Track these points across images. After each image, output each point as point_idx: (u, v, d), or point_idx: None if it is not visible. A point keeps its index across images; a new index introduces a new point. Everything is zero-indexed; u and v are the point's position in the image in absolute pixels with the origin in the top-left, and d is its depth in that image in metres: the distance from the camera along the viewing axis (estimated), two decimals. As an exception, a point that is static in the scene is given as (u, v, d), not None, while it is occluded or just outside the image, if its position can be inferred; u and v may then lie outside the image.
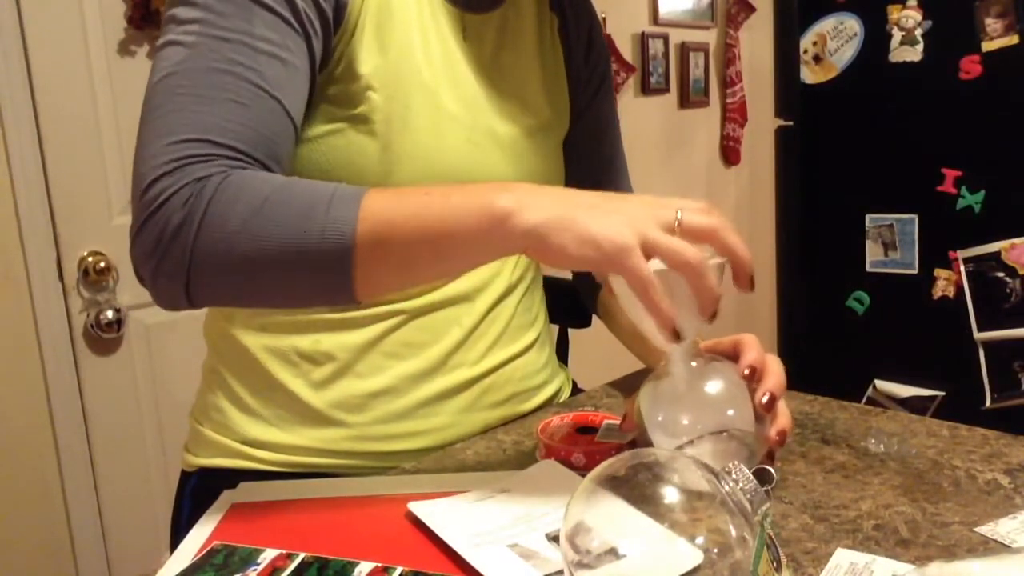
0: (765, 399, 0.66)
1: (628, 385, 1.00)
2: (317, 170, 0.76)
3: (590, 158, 1.00)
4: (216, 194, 0.61)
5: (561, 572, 0.55)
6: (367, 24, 0.76)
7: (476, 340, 0.86)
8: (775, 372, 0.69)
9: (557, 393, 0.98)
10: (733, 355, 0.72)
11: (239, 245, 0.61)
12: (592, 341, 1.58)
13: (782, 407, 0.68)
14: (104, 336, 1.63)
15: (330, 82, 0.76)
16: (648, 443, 0.67)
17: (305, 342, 0.82)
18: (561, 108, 0.95)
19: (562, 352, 1.30)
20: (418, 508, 0.67)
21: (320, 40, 0.73)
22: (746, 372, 0.67)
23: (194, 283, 0.63)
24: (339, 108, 0.76)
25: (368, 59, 0.76)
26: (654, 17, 2.91)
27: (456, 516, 0.66)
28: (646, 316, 0.60)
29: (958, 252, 1.93)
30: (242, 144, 0.64)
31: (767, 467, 0.59)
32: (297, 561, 0.61)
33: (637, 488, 0.51)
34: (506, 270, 0.89)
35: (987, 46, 1.84)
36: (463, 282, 0.85)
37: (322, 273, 0.61)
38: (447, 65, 0.82)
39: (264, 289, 0.64)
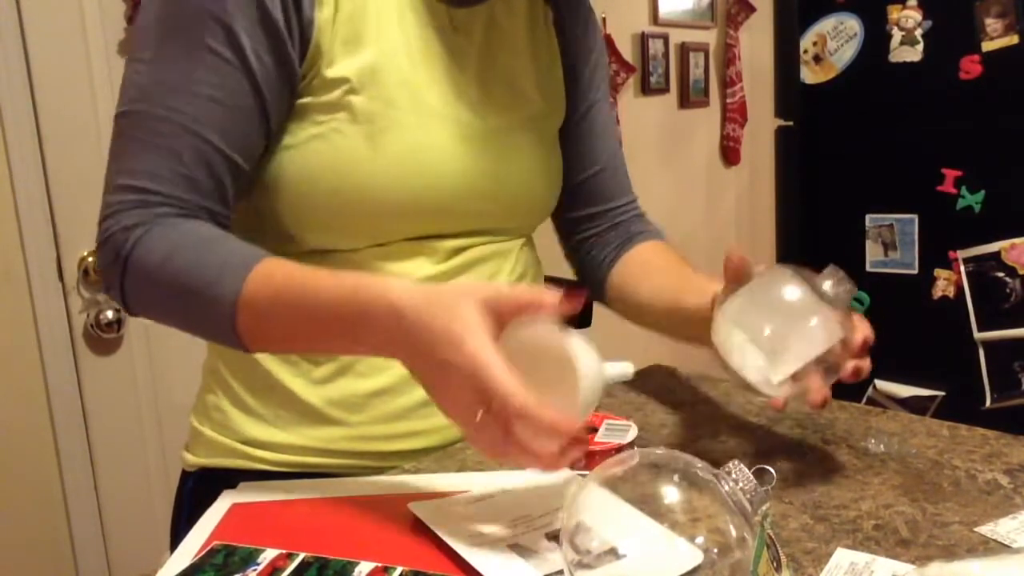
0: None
1: (628, 385, 1.00)
2: (302, 176, 0.76)
3: (590, 152, 0.99)
4: (134, 249, 0.71)
5: (561, 572, 0.55)
6: (339, 31, 0.76)
7: None
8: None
9: (558, 393, 0.98)
10: None
11: (152, 295, 0.74)
12: (592, 341, 1.57)
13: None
14: (104, 336, 1.63)
15: (307, 92, 0.76)
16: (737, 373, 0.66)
17: None
18: (556, 101, 0.94)
19: (562, 352, 1.30)
20: (418, 508, 0.67)
21: (274, 68, 0.74)
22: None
23: (131, 307, 0.76)
24: (320, 114, 0.76)
25: (345, 64, 0.76)
26: (654, 17, 2.91)
27: (456, 516, 0.66)
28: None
29: (958, 252, 1.93)
30: (174, 190, 0.72)
31: (767, 467, 0.59)
32: (297, 561, 0.61)
33: (637, 488, 0.51)
34: (506, 269, 0.88)
35: (987, 46, 1.84)
36: (464, 280, 0.85)
37: (216, 332, 0.72)
38: (432, 61, 0.81)
39: (176, 324, 0.76)
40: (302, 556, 0.61)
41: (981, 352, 1.93)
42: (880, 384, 2.07)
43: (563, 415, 0.55)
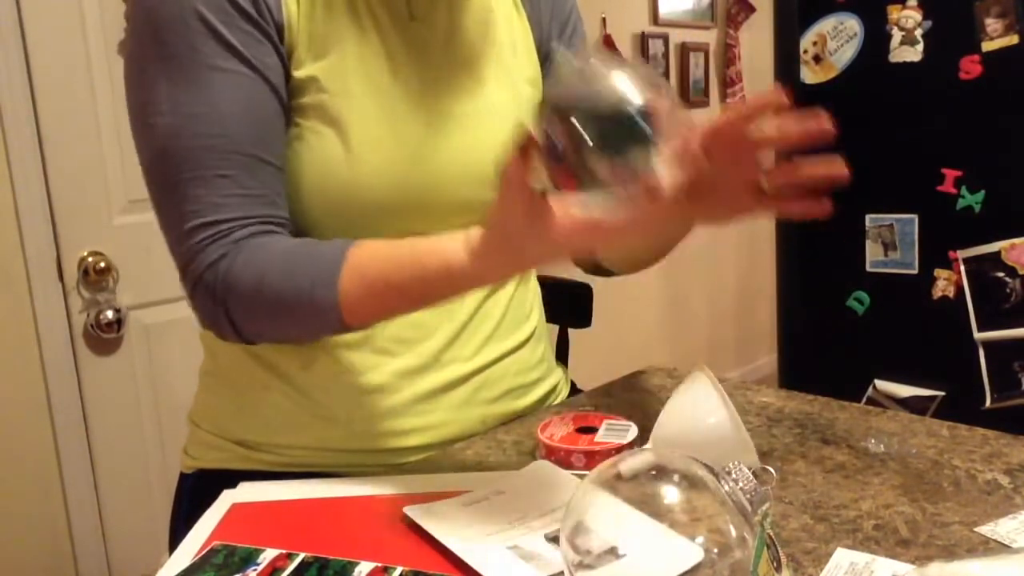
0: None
1: (628, 385, 1.00)
2: (289, 177, 0.77)
3: None
4: (228, 284, 0.72)
5: (561, 573, 0.55)
6: (301, 33, 0.76)
7: (469, 336, 0.86)
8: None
9: (554, 390, 0.98)
10: None
11: (260, 322, 0.74)
12: (592, 341, 1.58)
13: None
14: (104, 336, 1.63)
15: (285, 94, 0.77)
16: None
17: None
18: (531, 77, 0.92)
19: (562, 352, 1.30)
20: (414, 511, 0.67)
21: (277, 68, 0.75)
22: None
23: (247, 337, 0.76)
24: (297, 116, 0.77)
25: (311, 65, 0.77)
26: (654, 17, 2.91)
27: (454, 519, 0.66)
28: None
29: (958, 252, 1.93)
30: (239, 212, 0.73)
31: (767, 467, 0.59)
32: (297, 561, 0.61)
33: (637, 488, 0.51)
34: None
35: (987, 46, 1.84)
36: None
37: (318, 322, 0.73)
38: (392, 53, 0.81)
39: (282, 333, 0.78)
40: (302, 556, 0.61)
41: (981, 352, 1.93)
42: (880, 384, 2.07)
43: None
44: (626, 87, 0.58)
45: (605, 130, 0.57)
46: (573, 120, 0.57)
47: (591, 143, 0.57)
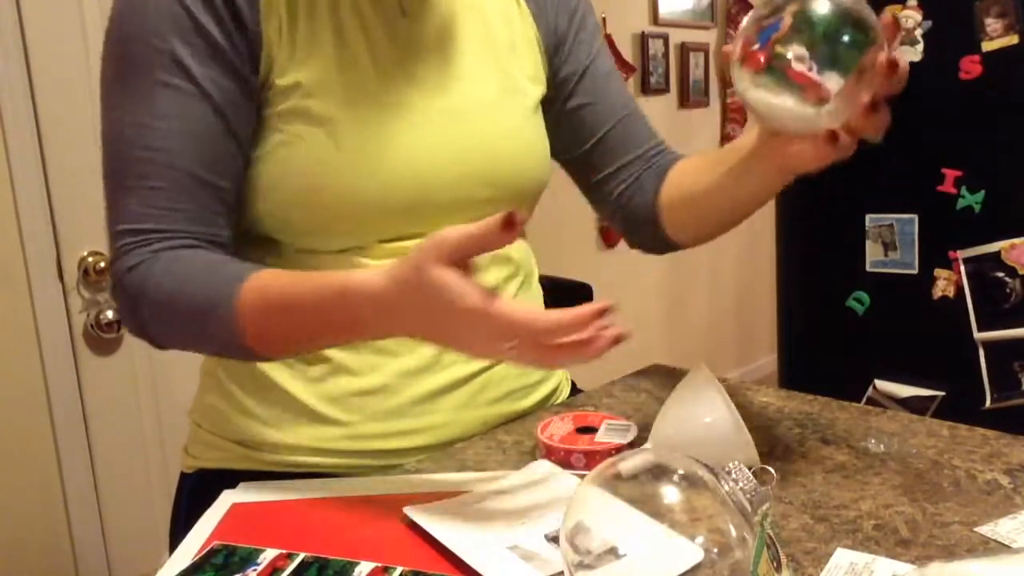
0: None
1: (628, 385, 1.00)
2: (275, 183, 0.77)
3: (602, 108, 0.96)
4: (144, 288, 0.74)
5: (561, 573, 0.55)
6: (284, 41, 0.76)
7: None
8: None
9: (555, 391, 0.98)
10: None
11: (172, 331, 0.76)
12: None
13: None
14: (104, 336, 1.63)
15: (266, 103, 0.77)
16: None
17: None
18: (532, 73, 0.92)
19: (562, 352, 1.30)
20: (414, 512, 0.67)
21: (232, 90, 0.76)
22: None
23: (160, 344, 0.78)
24: (282, 122, 0.77)
25: (296, 71, 0.76)
26: (654, 17, 2.91)
27: (454, 519, 0.66)
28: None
29: (958, 252, 1.93)
30: (165, 224, 0.75)
31: (767, 467, 0.59)
32: (297, 561, 0.61)
33: (637, 488, 0.51)
34: (496, 265, 0.88)
35: (987, 46, 1.84)
36: None
37: (228, 350, 0.75)
38: (384, 51, 0.80)
39: (197, 348, 0.78)
40: (302, 556, 0.61)
41: (981, 352, 1.93)
42: (880, 384, 2.06)
43: (579, 309, 0.60)
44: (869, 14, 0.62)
45: (827, 33, 0.61)
46: (817, 8, 0.61)
47: (812, 39, 0.60)
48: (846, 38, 0.61)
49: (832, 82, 0.61)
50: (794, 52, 0.61)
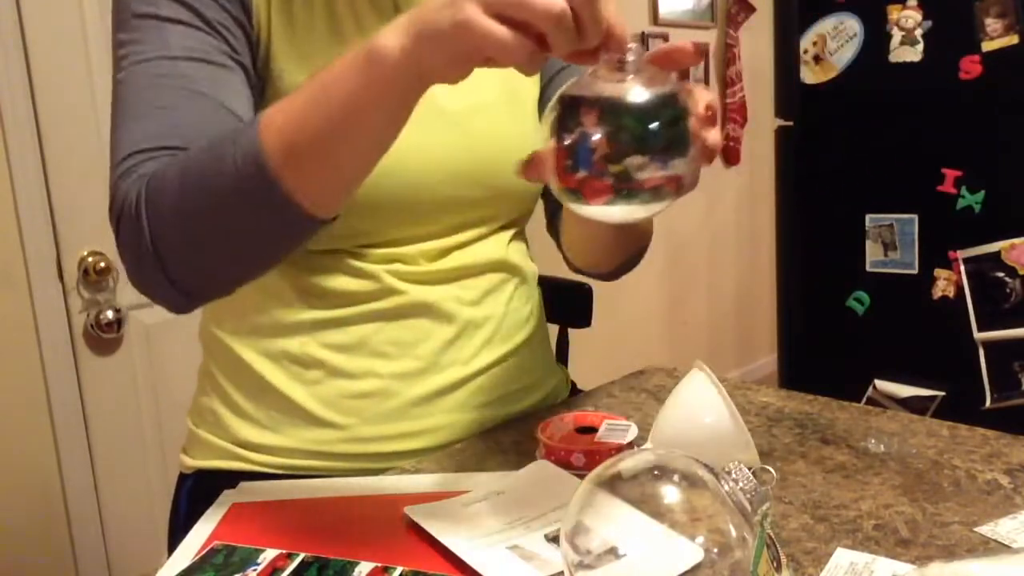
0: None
1: (628, 385, 1.00)
2: None
3: None
4: (149, 183, 0.66)
5: (561, 573, 0.55)
6: (274, 37, 0.76)
7: (468, 338, 0.85)
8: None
9: (554, 391, 0.97)
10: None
11: (180, 211, 0.65)
12: (592, 341, 1.58)
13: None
14: (104, 336, 1.63)
15: (263, 103, 0.77)
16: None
17: (293, 345, 0.82)
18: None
19: (562, 352, 1.30)
20: (414, 511, 0.67)
21: (243, 43, 0.75)
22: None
23: (169, 265, 0.67)
24: None
25: (292, 70, 0.76)
26: (654, 17, 2.91)
27: (454, 519, 0.66)
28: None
29: (958, 252, 1.93)
30: (168, 141, 0.68)
31: (767, 467, 0.59)
32: (297, 561, 0.61)
33: (637, 488, 0.51)
34: (490, 267, 0.88)
35: (987, 46, 1.84)
36: (447, 283, 0.84)
37: (254, 197, 0.63)
38: None
39: (220, 242, 0.66)
40: (302, 556, 0.61)
41: (981, 352, 1.93)
42: (880, 384, 2.06)
43: None
44: (667, 84, 0.56)
45: (654, 128, 0.54)
46: (619, 117, 0.54)
47: (643, 141, 0.54)
48: (668, 119, 0.55)
49: (680, 165, 0.55)
50: (632, 164, 0.54)
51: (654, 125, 0.55)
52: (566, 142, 0.55)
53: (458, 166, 0.83)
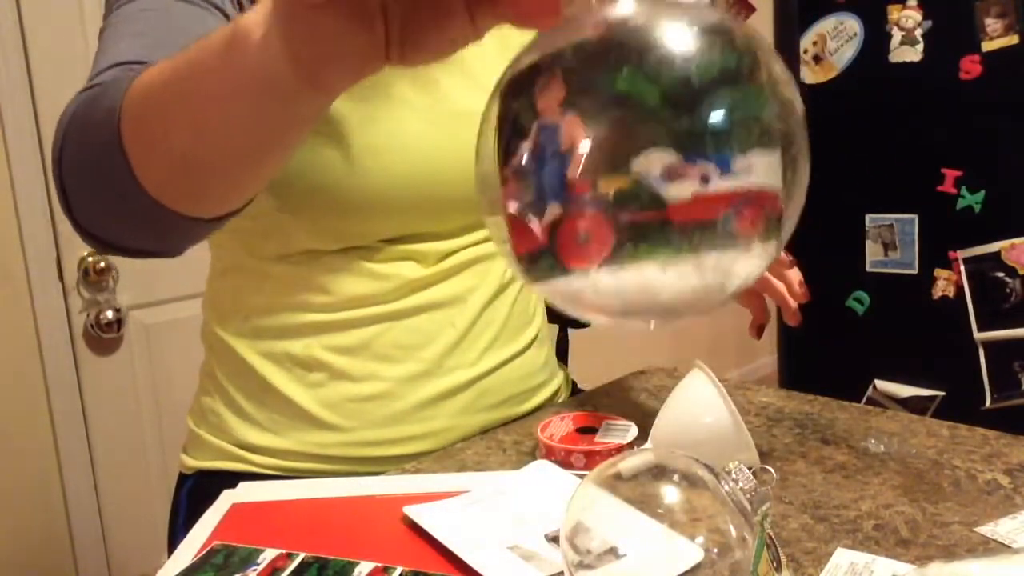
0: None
1: (628, 385, 1.00)
2: (280, 179, 0.74)
3: None
4: (80, 98, 0.60)
5: (561, 573, 0.55)
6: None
7: (472, 341, 0.85)
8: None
9: (556, 393, 0.97)
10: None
11: (73, 142, 0.58)
12: (592, 341, 1.57)
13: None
14: (104, 336, 1.63)
15: None
16: None
17: (297, 347, 0.82)
18: None
19: (562, 352, 1.30)
20: (414, 511, 0.66)
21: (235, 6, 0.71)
22: None
23: (69, 196, 0.61)
24: None
25: None
26: (654, 17, 2.91)
27: (454, 519, 0.66)
28: None
29: (958, 252, 1.93)
30: (125, 58, 0.62)
31: (767, 467, 0.59)
32: (297, 561, 0.61)
33: (637, 488, 0.51)
34: (497, 269, 0.88)
35: (987, 46, 1.84)
36: (454, 283, 0.84)
37: (103, 146, 0.54)
38: None
39: (89, 189, 0.59)
40: (302, 556, 0.61)
41: (981, 352, 1.93)
42: (880, 384, 2.06)
43: None
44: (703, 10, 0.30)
45: (689, 87, 0.28)
46: (613, 77, 0.28)
47: (670, 119, 0.27)
48: (718, 73, 0.28)
49: (761, 167, 0.29)
50: (651, 170, 0.27)
51: (690, 82, 0.27)
52: (512, 159, 0.31)
53: (461, 167, 0.83)
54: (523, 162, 0.29)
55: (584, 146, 0.27)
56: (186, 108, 0.49)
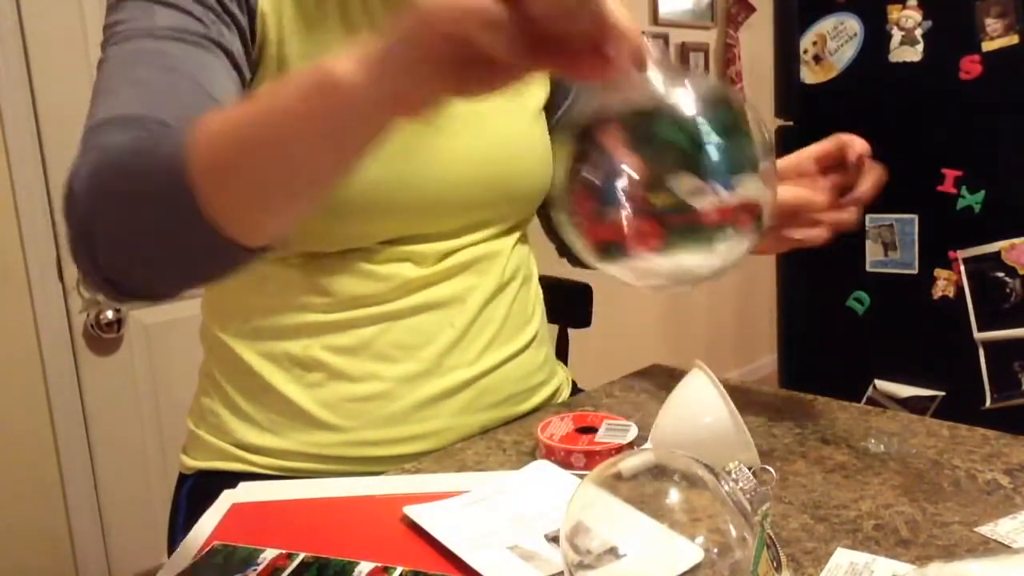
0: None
1: (628, 385, 1.00)
2: None
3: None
4: (100, 158, 0.61)
5: (561, 573, 0.55)
6: (287, 37, 0.75)
7: (471, 340, 0.85)
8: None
9: (556, 392, 0.97)
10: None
11: (111, 194, 0.60)
12: (592, 341, 1.58)
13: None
14: (104, 336, 1.63)
15: None
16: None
17: (296, 347, 0.82)
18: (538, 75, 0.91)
19: (562, 352, 1.30)
20: (414, 511, 0.66)
21: (235, 34, 0.72)
22: None
23: (99, 250, 0.62)
24: None
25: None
26: (654, 17, 2.90)
27: (454, 518, 0.66)
28: None
29: (958, 252, 1.93)
30: (135, 110, 0.64)
31: (767, 467, 0.59)
32: (297, 561, 0.61)
33: (637, 488, 0.51)
34: (496, 269, 0.88)
35: (987, 46, 1.84)
36: (453, 283, 0.84)
37: (167, 199, 0.55)
38: None
39: (138, 241, 0.60)
40: (302, 556, 0.61)
41: (981, 352, 1.93)
42: (880, 384, 2.06)
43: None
44: (709, 82, 0.44)
45: (704, 134, 0.41)
46: (652, 127, 0.41)
47: (692, 155, 0.40)
48: (722, 123, 0.42)
49: (752, 186, 0.42)
50: (683, 188, 0.40)
51: (704, 131, 0.41)
52: (587, 179, 0.43)
53: (476, 168, 0.83)
54: (598, 182, 0.43)
55: (638, 171, 0.42)
56: (270, 150, 0.51)
